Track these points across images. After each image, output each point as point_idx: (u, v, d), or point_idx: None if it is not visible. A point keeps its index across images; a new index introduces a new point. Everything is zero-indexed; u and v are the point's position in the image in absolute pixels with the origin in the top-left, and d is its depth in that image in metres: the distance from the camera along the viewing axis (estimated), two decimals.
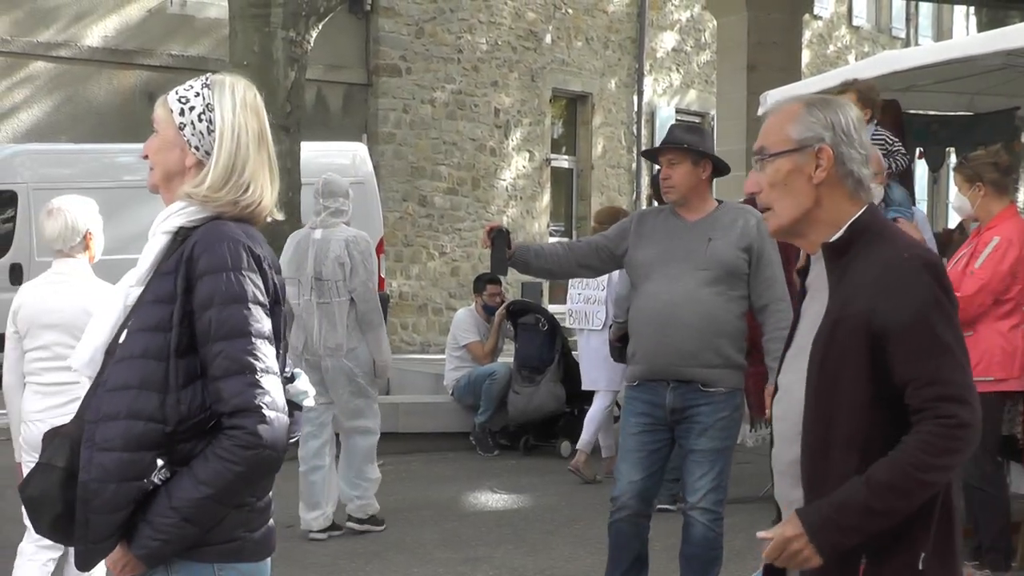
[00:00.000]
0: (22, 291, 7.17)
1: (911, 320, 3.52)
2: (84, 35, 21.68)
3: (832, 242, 3.72)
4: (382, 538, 9.85)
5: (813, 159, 3.73)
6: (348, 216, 10.13)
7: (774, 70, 16.17)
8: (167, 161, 3.76)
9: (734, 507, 10.63)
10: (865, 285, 3.59)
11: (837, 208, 3.75)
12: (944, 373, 3.52)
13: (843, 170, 3.74)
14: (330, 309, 9.87)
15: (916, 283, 3.56)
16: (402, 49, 24.63)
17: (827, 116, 3.76)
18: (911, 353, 3.52)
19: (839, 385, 3.60)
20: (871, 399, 3.57)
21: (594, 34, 28.16)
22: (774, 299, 7.12)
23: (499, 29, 26.19)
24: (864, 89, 8.82)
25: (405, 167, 24.52)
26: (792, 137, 3.75)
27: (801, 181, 3.74)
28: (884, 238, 3.70)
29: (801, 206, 3.76)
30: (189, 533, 3.46)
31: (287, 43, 14.43)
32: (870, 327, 3.55)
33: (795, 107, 3.82)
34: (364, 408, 10.07)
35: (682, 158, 7.10)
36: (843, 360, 3.59)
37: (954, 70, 10.77)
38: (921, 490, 3.52)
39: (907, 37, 35.79)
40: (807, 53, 26.24)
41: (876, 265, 3.62)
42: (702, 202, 7.21)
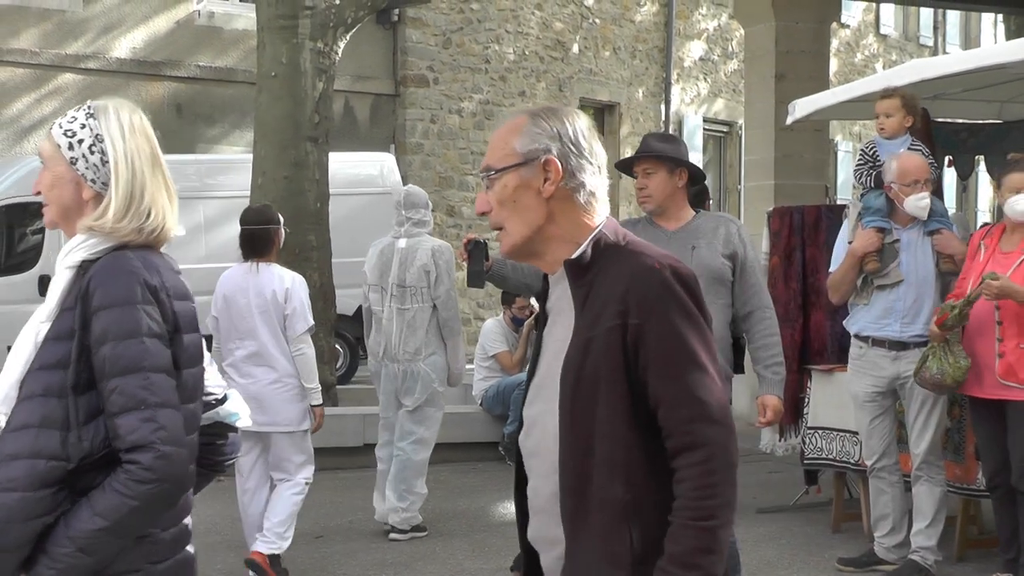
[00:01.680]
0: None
1: (665, 334, 3.32)
2: (112, 47, 21.77)
3: (574, 259, 3.49)
4: (412, 548, 9.84)
5: (541, 172, 3.47)
6: (430, 226, 10.35)
7: (802, 79, 16.14)
8: (62, 197, 3.67)
9: (764, 517, 10.64)
10: (614, 299, 3.36)
11: (572, 223, 3.52)
12: (698, 392, 3.30)
13: (574, 182, 3.49)
14: (410, 315, 10.10)
15: (668, 295, 3.36)
16: (429, 59, 24.66)
17: (553, 126, 3.50)
18: (664, 369, 3.31)
19: (596, 409, 3.35)
20: (631, 420, 3.34)
21: (621, 44, 28.17)
22: (759, 306, 7.07)
23: (526, 39, 26.21)
24: (907, 96, 8.80)
25: (432, 177, 24.54)
26: (517, 150, 3.48)
27: (530, 196, 3.48)
28: (629, 250, 3.48)
29: (533, 223, 3.51)
30: (85, 564, 3.43)
31: (315, 54, 14.45)
32: (623, 342, 3.33)
33: (519, 119, 3.56)
34: (428, 417, 10.30)
35: (657, 167, 6.98)
36: (598, 381, 3.35)
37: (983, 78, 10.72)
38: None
39: (935, 45, 35.70)
40: (835, 62, 26.19)
41: (624, 278, 3.39)
42: (680, 211, 7.11)
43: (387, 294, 10.20)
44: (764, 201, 15.63)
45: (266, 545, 8.74)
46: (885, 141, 8.80)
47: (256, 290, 8.72)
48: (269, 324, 8.74)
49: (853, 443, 9.73)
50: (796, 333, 10.56)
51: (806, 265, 10.75)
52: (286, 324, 8.76)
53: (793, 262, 10.74)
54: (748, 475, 11.48)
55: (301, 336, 8.80)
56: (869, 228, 8.64)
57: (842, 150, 32.73)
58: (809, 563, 9.31)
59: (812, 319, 10.71)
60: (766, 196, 16.25)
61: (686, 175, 7.06)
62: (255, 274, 8.80)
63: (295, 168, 14.34)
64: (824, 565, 9.20)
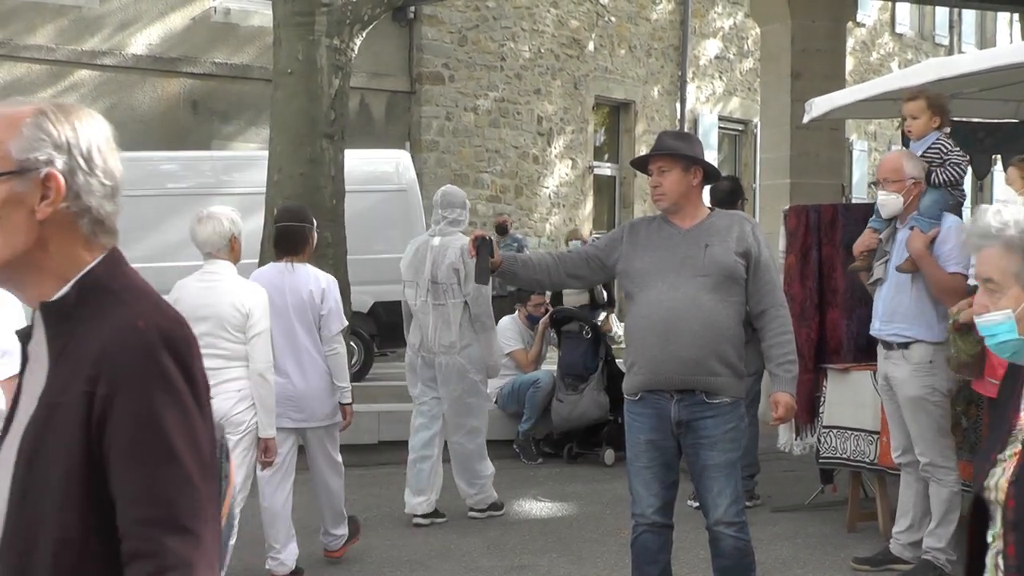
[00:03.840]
0: (178, 287, 7.99)
1: (135, 412, 2.63)
2: (128, 43, 21.80)
3: (51, 301, 2.79)
4: (427, 545, 9.85)
5: (38, 188, 2.75)
6: (464, 225, 10.57)
7: (818, 78, 16.11)
8: None
9: (779, 516, 10.63)
10: (88, 360, 2.67)
11: (66, 255, 2.80)
12: (164, 489, 2.62)
13: (78, 205, 2.81)
14: (445, 310, 10.45)
15: (148, 363, 2.67)
16: (445, 57, 24.68)
17: (62, 132, 2.82)
18: (127, 456, 2.62)
19: (48, 495, 2.66)
20: (87, 516, 2.65)
21: (637, 42, 28.17)
22: (772, 304, 7.04)
23: (542, 37, 26.22)
24: (933, 97, 8.77)
25: (448, 175, 24.55)
26: (12, 155, 2.75)
27: (19, 215, 2.74)
28: (120, 299, 2.80)
29: (16, 247, 2.75)
30: None
31: (331, 51, 14.44)
32: (89, 416, 2.65)
33: (20, 112, 2.81)
34: (474, 407, 10.67)
35: (672, 165, 6.96)
36: (57, 458, 2.66)
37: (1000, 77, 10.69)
38: None
39: (950, 44, 35.67)
40: (850, 60, 26.16)
41: (103, 334, 2.70)
42: (694, 209, 7.08)
43: (422, 290, 10.52)
44: (779, 200, 15.60)
45: (336, 541, 9.31)
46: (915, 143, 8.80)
47: (292, 289, 8.86)
48: (304, 322, 8.88)
49: (868, 442, 9.72)
50: (812, 332, 10.53)
51: (822, 264, 10.73)
52: (321, 324, 8.93)
53: (809, 261, 10.72)
54: (764, 474, 11.48)
55: (335, 336, 8.99)
56: (868, 228, 8.74)
57: (857, 149, 32.71)
58: (824, 562, 9.29)
59: (828, 318, 10.68)
60: (781, 195, 16.22)
61: (701, 173, 7.04)
62: (290, 273, 8.93)
63: (311, 165, 14.34)
64: (839, 564, 9.18)
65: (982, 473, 3.81)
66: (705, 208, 7.15)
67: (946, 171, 8.47)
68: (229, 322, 7.81)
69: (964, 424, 9.04)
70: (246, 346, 7.88)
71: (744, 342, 7.06)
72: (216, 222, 7.97)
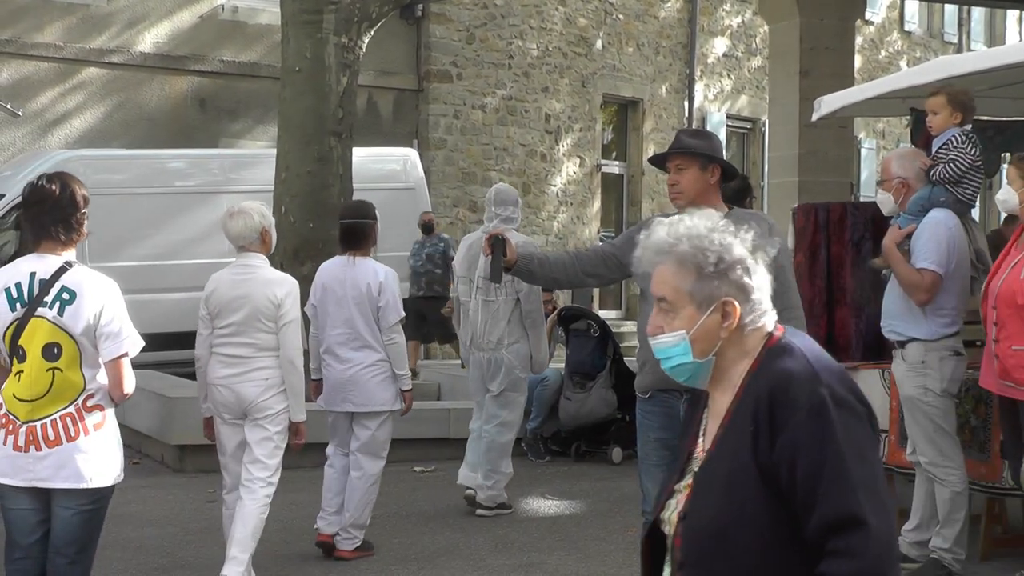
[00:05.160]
0: (213, 279, 8.46)
1: None
2: (136, 41, 21.82)
3: None
4: (435, 543, 9.84)
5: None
6: (517, 223, 10.80)
7: (826, 76, 16.10)
8: None
9: None
10: None
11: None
12: None
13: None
14: (494, 306, 10.71)
15: None
16: (453, 55, 24.68)
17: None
18: None
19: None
20: None
21: (645, 40, 28.15)
22: (787, 306, 6.96)
23: (550, 35, 26.21)
24: (955, 92, 8.73)
25: (456, 173, 24.57)
26: None
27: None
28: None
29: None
30: None
31: (339, 49, 14.43)
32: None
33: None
34: (512, 401, 10.91)
35: (689, 163, 6.91)
36: None
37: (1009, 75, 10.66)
38: None
39: (959, 42, 35.62)
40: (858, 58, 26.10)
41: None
42: (712, 207, 7.06)
43: (474, 286, 10.81)
44: (787, 198, 15.61)
45: (349, 542, 9.42)
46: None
47: (352, 282, 9.29)
48: (363, 314, 9.30)
49: None
50: (821, 330, 10.51)
51: (831, 262, 10.71)
52: (379, 315, 9.32)
53: (818, 259, 10.70)
54: None
55: (393, 327, 9.37)
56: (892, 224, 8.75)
57: (865, 147, 32.68)
58: None
59: (837, 316, 10.66)
60: (789, 193, 16.22)
61: (719, 171, 6.98)
62: (352, 266, 9.37)
63: (319, 163, 14.33)
64: None
65: (660, 503, 3.65)
66: (723, 206, 7.08)
67: (947, 167, 8.45)
68: (263, 312, 8.17)
69: (973, 422, 9.02)
70: (276, 335, 8.22)
71: None
72: (247, 216, 8.28)
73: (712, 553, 3.38)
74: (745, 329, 3.50)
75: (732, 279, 3.48)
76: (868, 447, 3.35)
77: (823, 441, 3.27)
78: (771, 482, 3.32)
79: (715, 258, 3.47)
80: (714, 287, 3.46)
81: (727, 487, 3.37)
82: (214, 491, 10.94)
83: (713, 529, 3.37)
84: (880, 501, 3.28)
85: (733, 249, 3.51)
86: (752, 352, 3.51)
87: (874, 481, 3.31)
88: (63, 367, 5.95)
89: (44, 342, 5.96)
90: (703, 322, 3.47)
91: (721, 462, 3.44)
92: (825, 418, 3.29)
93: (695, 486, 3.50)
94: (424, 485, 12.11)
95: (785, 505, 3.32)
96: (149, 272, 16.99)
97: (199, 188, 18.58)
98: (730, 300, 3.46)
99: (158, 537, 9.93)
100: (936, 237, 8.35)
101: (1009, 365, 7.75)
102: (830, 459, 3.26)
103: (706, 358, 3.50)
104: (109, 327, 5.95)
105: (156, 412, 12.61)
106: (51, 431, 5.93)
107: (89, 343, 5.96)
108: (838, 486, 3.24)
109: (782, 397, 3.35)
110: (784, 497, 3.32)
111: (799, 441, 3.29)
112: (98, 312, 5.94)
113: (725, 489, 3.38)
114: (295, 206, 14.06)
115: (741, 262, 3.50)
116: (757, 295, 3.52)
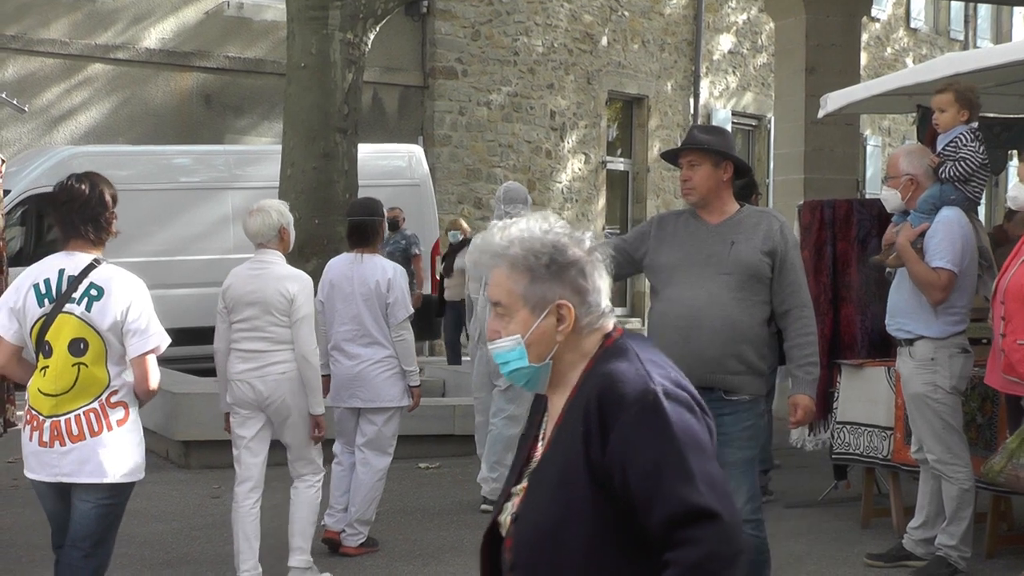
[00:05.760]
0: (231, 274, 8.57)
1: None
2: (142, 38, 21.82)
3: None
4: (439, 540, 9.83)
5: None
6: None
7: (833, 73, 16.08)
8: None
9: (792, 512, 10.61)
10: None
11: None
12: None
13: None
14: None
15: None
16: (458, 51, 24.67)
17: None
18: None
19: None
20: None
21: (650, 36, 28.12)
22: (797, 304, 6.97)
23: (555, 32, 26.19)
24: (962, 89, 8.71)
25: (461, 169, 24.56)
26: None
27: None
28: None
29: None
30: None
31: (344, 45, 14.41)
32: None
33: None
34: (519, 395, 10.80)
35: (702, 159, 6.90)
36: None
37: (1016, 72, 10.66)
38: None
39: (966, 39, 35.58)
40: (864, 55, 26.10)
41: None
42: (723, 204, 7.00)
43: (484, 283, 10.62)
44: (793, 195, 15.58)
45: (354, 538, 9.50)
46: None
47: (360, 278, 9.36)
48: (371, 310, 9.38)
49: (882, 438, 9.69)
50: (826, 328, 10.49)
51: (837, 259, 10.70)
52: (388, 312, 9.41)
53: (824, 256, 10.69)
54: (778, 470, 11.46)
55: (401, 323, 9.45)
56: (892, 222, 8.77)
57: (871, 144, 32.64)
58: (837, 558, 9.26)
59: (842, 313, 10.66)
60: (795, 190, 16.20)
61: (732, 168, 6.97)
62: (359, 263, 9.45)
63: (324, 159, 14.31)
64: (852, 560, 9.16)
65: (498, 506, 3.61)
66: (735, 204, 7.07)
67: (955, 166, 8.43)
68: (275, 307, 8.27)
69: (979, 420, 9.02)
70: (291, 330, 8.31)
71: (765, 342, 7.00)
72: (265, 215, 8.41)
73: (541, 554, 3.35)
74: (583, 331, 3.46)
75: (566, 281, 3.43)
76: (705, 441, 3.32)
77: (659, 437, 3.25)
78: (603, 483, 3.29)
79: (547, 260, 3.42)
80: (547, 289, 3.42)
81: (558, 488, 3.35)
82: (219, 487, 10.95)
83: (543, 530, 3.35)
84: (723, 491, 3.26)
85: (567, 251, 3.45)
86: (590, 354, 3.47)
87: (714, 473, 3.27)
88: (88, 363, 6.11)
89: (71, 337, 6.13)
90: (538, 325, 3.43)
91: (553, 464, 3.40)
92: (660, 414, 3.27)
93: (528, 488, 3.47)
94: (429, 481, 12.11)
95: (616, 506, 3.28)
96: (153, 268, 16.95)
97: (204, 184, 18.58)
98: (565, 303, 3.42)
99: (163, 533, 9.93)
100: (951, 236, 8.34)
101: (1015, 359, 7.73)
102: (669, 454, 3.23)
103: (543, 362, 3.46)
104: (136, 323, 6.12)
105: (161, 408, 12.60)
106: (74, 426, 6.09)
107: (115, 339, 6.12)
108: (681, 480, 3.20)
109: (611, 396, 3.31)
110: (616, 498, 3.28)
111: (630, 439, 3.25)
112: (125, 308, 6.10)
113: (556, 490, 3.35)
114: (300, 202, 14.03)
115: (575, 263, 3.44)
116: (594, 296, 3.46)
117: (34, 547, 9.10)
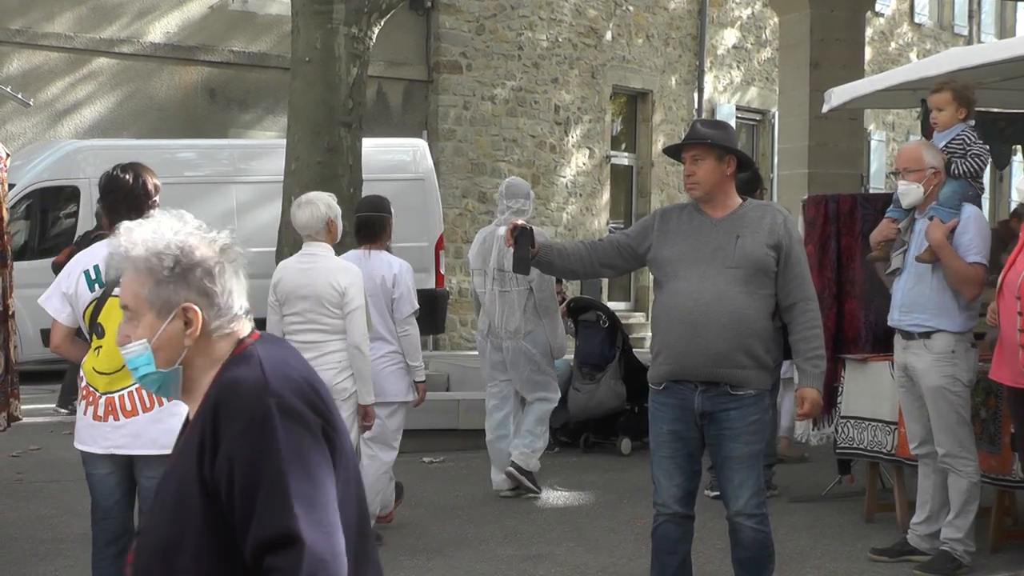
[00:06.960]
0: (280, 268, 8.89)
1: None
2: (146, 32, 21.83)
3: None
4: (444, 535, 9.84)
5: None
6: (529, 214, 10.91)
7: (837, 67, 16.10)
8: None
9: (796, 506, 10.62)
10: None
11: None
12: None
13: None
14: (510, 297, 10.98)
15: None
16: (463, 46, 24.67)
17: None
18: None
19: None
20: None
21: (655, 31, 28.11)
22: (802, 298, 6.96)
23: (560, 26, 26.19)
24: (959, 88, 8.70)
25: (465, 164, 24.56)
26: None
27: None
28: None
29: None
30: None
31: (349, 39, 14.40)
32: None
33: None
34: (544, 382, 11.17)
35: (706, 154, 6.87)
36: None
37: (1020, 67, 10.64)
38: None
39: (970, 34, 35.54)
40: (868, 50, 26.08)
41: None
42: (727, 198, 6.98)
43: (489, 277, 11.00)
44: (797, 190, 15.60)
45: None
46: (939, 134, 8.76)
47: (367, 274, 9.25)
48: (378, 306, 9.39)
49: (886, 433, 9.69)
50: (830, 322, 10.48)
51: (841, 254, 10.69)
52: (393, 307, 9.54)
53: (828, 251, 10.68)
54: (782, 464, 11.46)
55: (407, 318, 9.59)
56: (886, 218, 8.73)
57: (875, 139, 32.62)
58: (841, 553, 9.27)
59: (846, 308, 10.65)
60: (799, 184, 16.22)
61: (735, 162, 6.96)
62: (366, 259, 9.47)
63: (328, 153, 14.30)
64: (856, 555, 9.16)
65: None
66: (738, 198, 7.06)
67: (967, 162, 8.43)
68: (327, 299, 8.47)
69: (983, 415, 9.03)
70: (344, 320, 8.50)
71: (771, 336, 6.99)
72: (313, 207, 8.62)
73: (157, 571, 3.23)
74: (212, 336, 3.35)
75: (192, 283, 3.32)
76: (315, 461, 3.18)
77: (262, 454, 3.13)
78: (214, 499, 3.17)
79: (171, 262, 3.30)
80: (172, 292, 3.31)
81: (175, 503, 3.23)
82: None
83: (157, 548, 3.24)
84: (319, 516, 3.12)
85: (194, 253, 3.33)
86: (221, 360, 3.36)
87: (316, 496, 3.13)
88: None
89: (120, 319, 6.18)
90: (164, 330, 3.32)
91: (174, 477, 3.30)
92: (267, 430, 3.15)
93: (153, 501, 3.38)
94: (433, 476, 12.12)
95: (228, 524, 3.16)
96: None
97: (208, 178, 18.61)
98: (190, 306, 3.31)
99: None
100: (982, 232, 8.41)
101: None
102: (268, 473, 3.11)
103: (172, 367, 3.36)
104: None
105: None
106: (128, 402, 6.36)
107: None
108: (275, 502, 3.08)
109: (225, 408, 3.20)
110: (226, 515, 3.16)
111: (235, 454, 3.14)
112: None
113: (173, 505, 3.24)
114: None
115: (202, 265, 3.33)
116: (224, 299, 3.35)
117: (38, 541, 9.13)
